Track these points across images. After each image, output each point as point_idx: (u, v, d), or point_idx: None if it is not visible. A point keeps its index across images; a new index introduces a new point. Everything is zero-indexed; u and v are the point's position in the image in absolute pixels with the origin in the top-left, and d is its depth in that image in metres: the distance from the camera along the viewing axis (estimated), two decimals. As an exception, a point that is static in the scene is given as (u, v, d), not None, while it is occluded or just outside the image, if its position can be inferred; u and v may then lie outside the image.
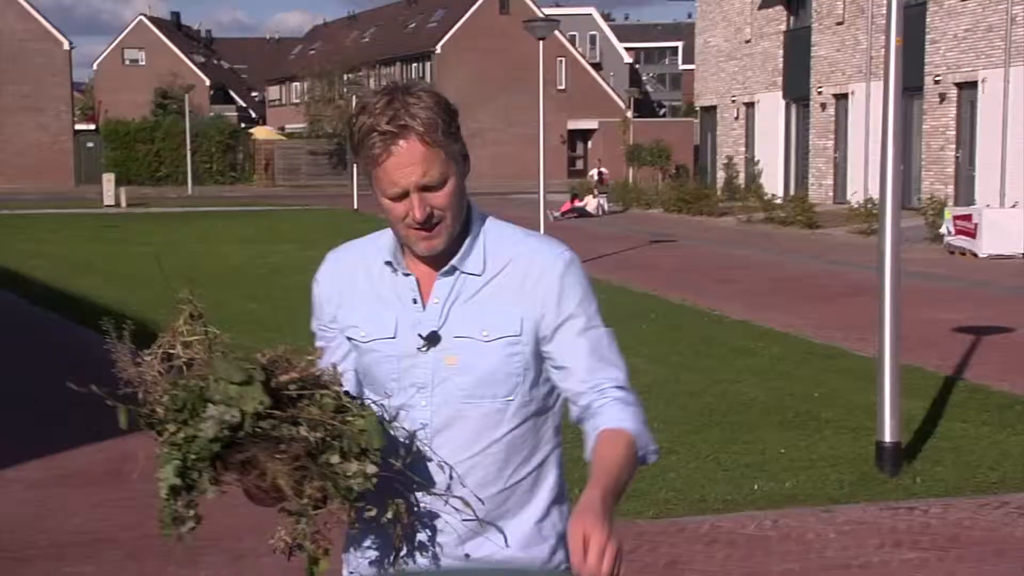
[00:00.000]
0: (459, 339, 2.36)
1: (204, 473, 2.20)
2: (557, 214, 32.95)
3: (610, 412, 2.35)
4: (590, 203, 35.76)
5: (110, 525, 6.79)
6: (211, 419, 2.13)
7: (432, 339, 2.38)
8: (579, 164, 61.33)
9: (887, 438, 7.65)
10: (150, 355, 2.27)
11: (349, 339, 2.48)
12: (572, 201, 35.78)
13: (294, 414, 2.20)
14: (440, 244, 2.36)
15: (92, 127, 62.48)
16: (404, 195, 2.31)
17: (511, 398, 2.39)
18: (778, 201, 32.56)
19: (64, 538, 6.59)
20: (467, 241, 2.40)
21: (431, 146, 2.28)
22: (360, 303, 2.47)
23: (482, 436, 2.38)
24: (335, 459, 2.19)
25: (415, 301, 2.41)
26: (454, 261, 2.39)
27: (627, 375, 2.44)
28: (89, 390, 2.27)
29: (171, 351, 2.28)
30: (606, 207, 36.45)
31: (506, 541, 2.43)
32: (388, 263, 2.44)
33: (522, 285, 2.39)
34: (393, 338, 2.41)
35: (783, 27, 37.43)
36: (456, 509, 2.36)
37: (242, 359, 2.18)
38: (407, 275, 2.42)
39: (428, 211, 2.30)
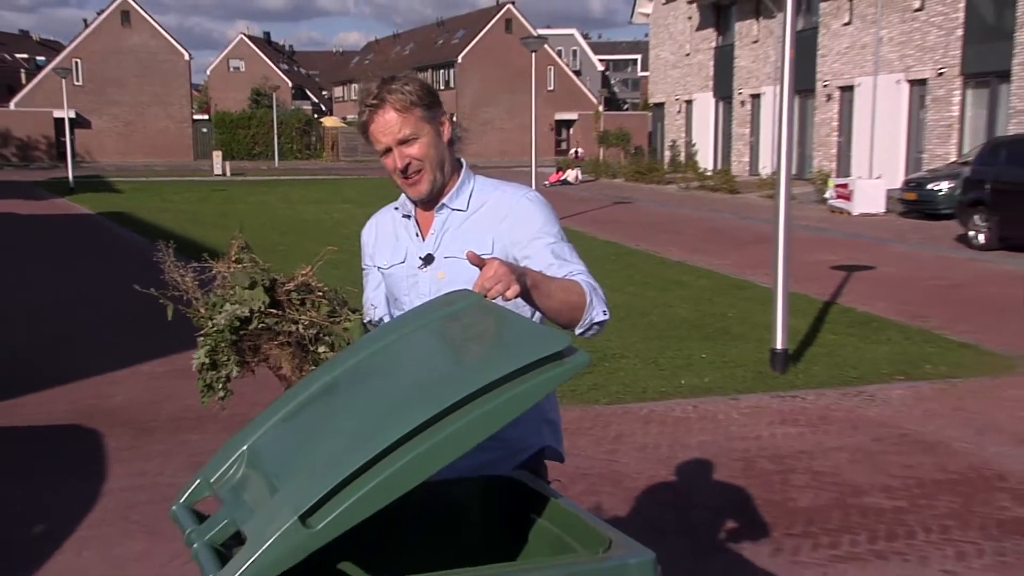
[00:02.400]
0: (448, 259, 2.38)
1: (230, 356, 2.26)
2: (547, 183, 32.86)
3: (574, 278, 2.25)
4: (570, 175, 35.58)
5: (210, 406, 6.84)
6: (226, 313, 2.21)
7: (427, 259, 2.42)
8: (563, 145, 60.78)
9: (778, 346, 7.70)
10: (194, 271, 2.38)
11: (378, 268, 2.55)
12: (558, 173, 35.66)
13: (293, 315, 2.27)
14: (424, 188, 2.39)
15: (206, 117, 61.99)
16: (389, 150, 2.36)
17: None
18: (708, 173, 32.46)
19: (177, 415, 6.65)
20: (455, 187, 2.43)
21: (401, 112, 2.32)
22: (384, 244, 2.54)
23: None
24: (323, 349, 2.28)
25: (417, 235, 2.46)
26: (444, 200, 2.43)
27: (588, 271, 2.30)
28: (149, 291, 2.38)
29: (220, 269, 2.35)
30: (581, 177, 36.30)
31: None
32: (396, 209, 2.52)
33: (494, 217, 2.38)
34: (403, 262, 2.47)
35: (714, 44, 37.04)
36: None
37: (253, 272, 2.26)
38: (407, 217, 2.48)
39: (407, 161, 2.35)
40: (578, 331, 2.21)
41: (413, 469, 1.64)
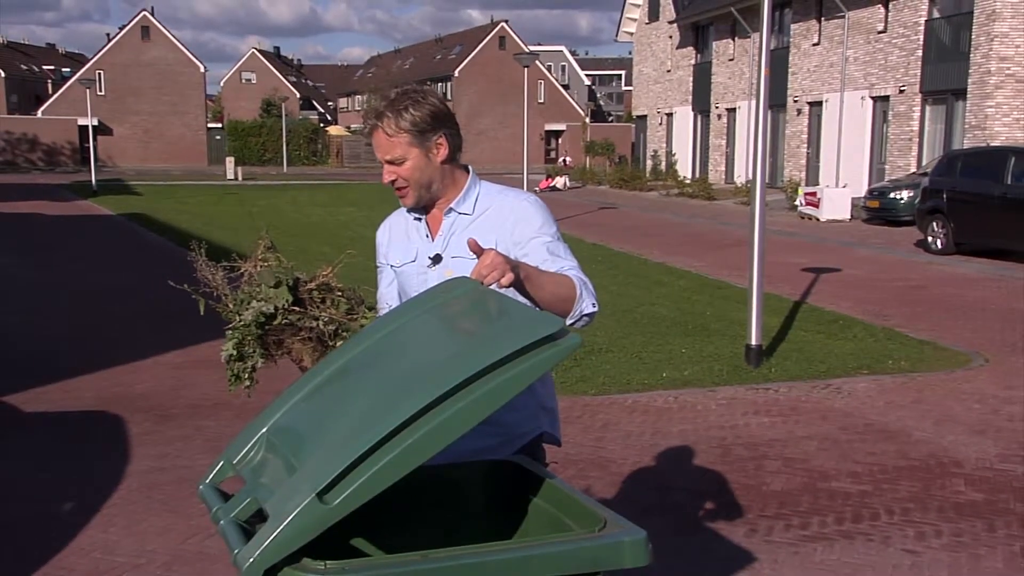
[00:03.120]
0: (455, 258, 2.38)
1: (255, 349, 2.28)
2: (537, 189, 32.81)
3: (566, 273, 2.27)
4: (559, 181, 35.55)
5: (224, 395, 6.83)
6: (253, 309, 2.22)
7: (436, 259, 2.43)
8: (552, 154, 60.74)
9: (753, 342, 7.72)
10: (223, 269, 2.38)
11: (391, 266, 2.55)
12: (547, 180, 35.59)
13: (315, 312, 2.29)
14: (409, 202, 2.43)
15: (219, 125, 61.75)
16: (384, 163, 2.41)
17: None
18: (687, 181, 32.48)
19: (196, 402, 6.66)
20: (463, 192, 2.44)
21: (391, 136, 2.35)
22: (397, 243, 2.54)
23: None
24: (341, 344, 2.29)
25: (427, 235, 2.46)
26: (452, 205, 2.44)
27: (579, 267, 2.32)
28: (183, 288, 2.38)
29: (247, 268, 2.35)
30: (569, 184, 36.28)
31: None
32: (411, 212, 2.51)
33: (498, 220, 2.39)
34: (414, 261, 2.47)
35: (693, 61, 37.05)
36: None
37: (278, 272, 2.28)
38: (418, 219, 2.49)
39: (394, 177, 2.39)
40: (568, 322, 2.21)
41: (421, 446, 1.66)
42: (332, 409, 1.91)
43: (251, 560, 1.59)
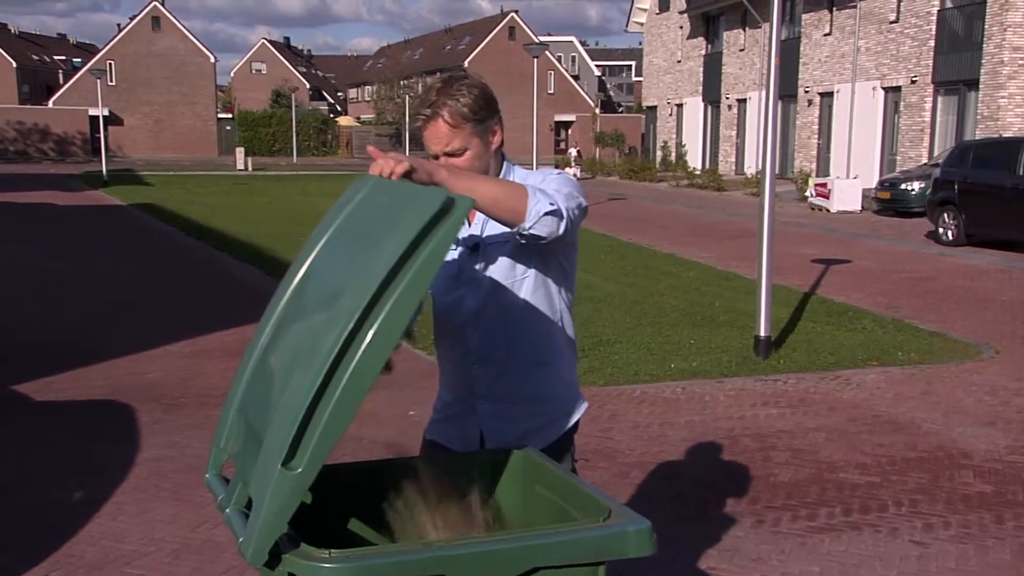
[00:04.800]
0: (492, 243, 2.33)
1: None
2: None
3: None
4: (568, 172, 35.53)
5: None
6: None
7: (475, 246, 2.36)
8: (562, 145, 60.63)
9: (762, 333, 7.70)
10: None
11: None
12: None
13: None
14: None
15: (229, 116, 61.76)
16: (438, 156, 2.29)
17: (526, 275, 2.33)
18: (697, 172, 32.34)
19: (204, 391, 6.67)
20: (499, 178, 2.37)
21: (452, 127, 2.24)
22: None
23: (512, 310, 2.32)
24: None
25: (467, 222, 2.37)
26: None
27: (561, 199, 2.13)
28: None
29: None
30: (579, 175, 36.22)
31: (532, 384, 2.37)
32: None
33: None
34: (454, 248, 2.38)
35: (703, 52, 36.92)
36: (495, 363, 2.33)
37: None
38: None
39: None
40: (527, 224, 2.07)
41: (357, 380, 1.60)
42: (276, 370, 1.87)
43: (251, 549, 1.60)
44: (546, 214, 2.06)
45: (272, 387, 1.83)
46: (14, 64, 67.34)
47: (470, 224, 2.38)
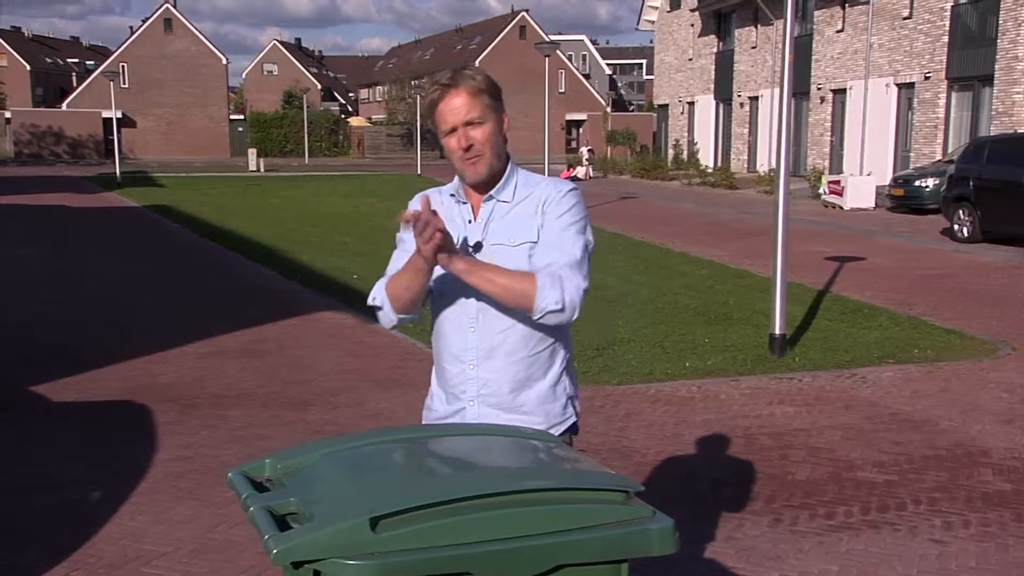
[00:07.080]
0: (495, 245, 2.32)
1: None
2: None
3: (540, 269, 2.23)
4: (580, 171, 35.42)
5: (249, 384, 6.88)
6: None
7: (476, 246, 2.35)
8: (573, 144, 60.61)
9: (777, 331, 7.68)
10: None
11: None
12: (568, 170, 35.49)
13: None
14: (483, 170, 2.32)
15: (241, 117, 61.99)
16: (454, 131, 2.29)
17: None
18: (709, 170, 32.30)
19: (219, 392, 6.69)
20: (503, 180, 2.37)
21: (475, 95, 2.28)
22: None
23: (512, 313, 2.29)
24: None
25: (469, 221, 2.38)
26: (492, 192, 2.36)
27: (571, 260, 2.24)
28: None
29: None
30: (591, 173, 36.16)
31: (528, 389, 2.36)
32: (452, 196, 2.42)
33: (536, 207, 2.33)
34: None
35: (715, 49, 36.84)
36: (493, 365, 2.33)
37: None
38: (464, 203, 2.40)
39: (471, 143, 2.29)
40: (535, 317, 2.20)
41: (486, 524, 1.64)
42: (410, 460, 1.94)
43: (284, 547, 1.60)
44: (550, 312, 2.19)
45: (398, 463, 1.93)
46: (28, 67, 67.74)
47: (473, 222, 2.38)
